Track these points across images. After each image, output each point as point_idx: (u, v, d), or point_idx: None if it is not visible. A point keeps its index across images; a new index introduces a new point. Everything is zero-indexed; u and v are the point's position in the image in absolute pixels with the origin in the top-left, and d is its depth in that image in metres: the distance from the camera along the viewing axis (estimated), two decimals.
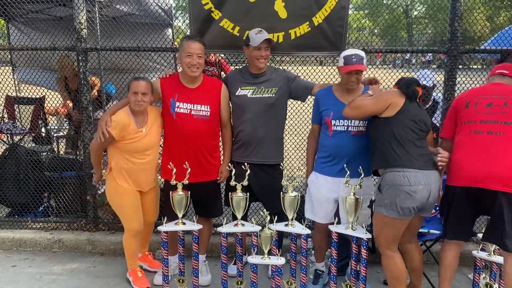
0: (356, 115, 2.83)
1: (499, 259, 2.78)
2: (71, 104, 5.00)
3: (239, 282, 2.92)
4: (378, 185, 2.71)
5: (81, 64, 3.78)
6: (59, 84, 5.05)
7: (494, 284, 2.90)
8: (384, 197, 2.64)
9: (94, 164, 3.27)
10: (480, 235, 2.92)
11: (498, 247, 2.80)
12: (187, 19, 3.60)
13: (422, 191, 2.57)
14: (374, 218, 2.79)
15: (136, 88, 2.96)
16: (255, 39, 3.11)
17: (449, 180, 2.70)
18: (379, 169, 2.76)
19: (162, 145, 3.26)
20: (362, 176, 2.82)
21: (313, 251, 3.43)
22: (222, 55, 5.76)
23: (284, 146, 3.43)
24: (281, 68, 3.45)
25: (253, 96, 3.20)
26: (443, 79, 3.60)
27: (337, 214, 3.10)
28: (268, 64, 3.28)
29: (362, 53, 2.89)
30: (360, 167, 2.83)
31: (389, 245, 2.73)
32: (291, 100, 3.42)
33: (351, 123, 2.92)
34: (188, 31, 3.60)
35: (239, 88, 3.23)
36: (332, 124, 2.95)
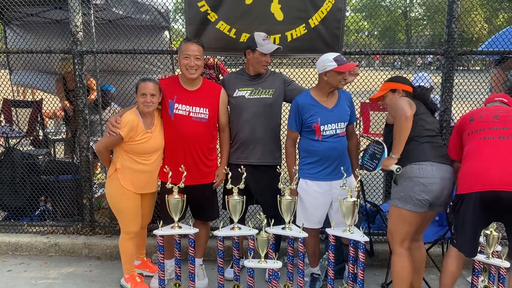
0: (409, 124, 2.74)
1: (497, 261, 2.76)
2: (68, 104, 5.00)
3: (236, 286, 2.91)
4: (394, 179, 2.75)
5: (77, 67, 3.77)
6: (57, 84, 5.04)
7: (493, 286, 2.88)
8: (400, 189, 2.69)
9: (105, 164, 3.23)
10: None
11: (496, 250, 2.78)
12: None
13: (437, 184, 2.61)
14: (389, 212, 2.81)
15: (144, 89, 2.95)
16: (265, 47, 3.10)
17: (460, 189, 2.54)
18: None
19: None
20: (345, 176, 2.85)
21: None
22: (219, 57, 5.75)
23: (282, 148, 3.41)
24: (277, 71, 3.44)
25: (251, 97, 3.19)
26: (440, 81, 3.59)
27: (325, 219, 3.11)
28: None
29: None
30: (342, 167, 2.91)
31: (402, 242, 2.73)
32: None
33: (338, 126, 2.97)
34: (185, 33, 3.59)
35: (237, 90, 3.22)
36: (321, 130, 2.94)
